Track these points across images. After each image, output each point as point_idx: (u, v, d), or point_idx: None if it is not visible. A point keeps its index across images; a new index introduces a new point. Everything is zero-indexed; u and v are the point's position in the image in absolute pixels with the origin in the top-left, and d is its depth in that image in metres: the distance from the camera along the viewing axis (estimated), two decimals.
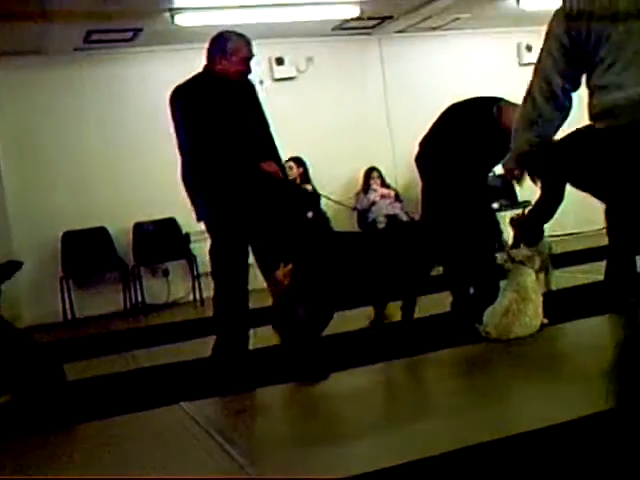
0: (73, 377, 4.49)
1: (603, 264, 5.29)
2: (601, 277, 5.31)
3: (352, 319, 5.17)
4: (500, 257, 4.92)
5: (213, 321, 4.50)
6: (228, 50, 4.29)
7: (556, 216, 5.25)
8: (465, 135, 5.05)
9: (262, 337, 4.61)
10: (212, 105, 4.21)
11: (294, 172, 8.26)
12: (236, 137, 4.22)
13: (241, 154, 4.25)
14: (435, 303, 5.60)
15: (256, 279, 4.54)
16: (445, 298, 5.37)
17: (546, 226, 5.37)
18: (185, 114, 4.22)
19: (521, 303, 4.59)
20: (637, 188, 4.82)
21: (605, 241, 5.11)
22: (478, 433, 3.04)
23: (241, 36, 4.37)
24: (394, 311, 4.75)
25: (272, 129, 4.77)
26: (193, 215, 4.44)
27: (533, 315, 4.60)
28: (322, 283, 4.08)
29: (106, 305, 7.84)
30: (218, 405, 4.00)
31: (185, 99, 4.24)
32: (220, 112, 4.20)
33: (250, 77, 4.51)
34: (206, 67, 4.38)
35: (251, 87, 4.52)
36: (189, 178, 4.31)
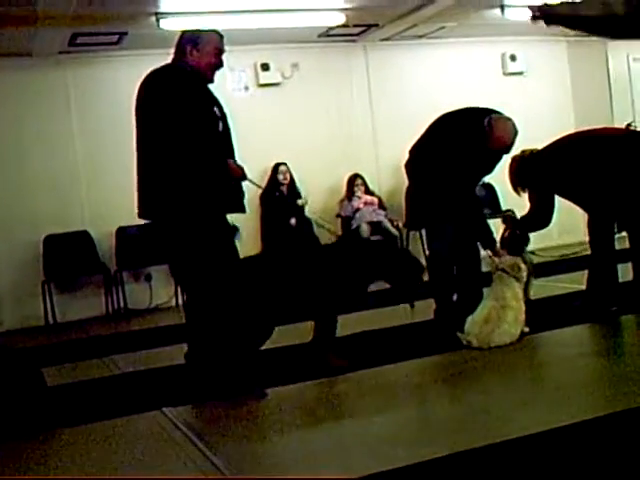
0: (54, 382, 4.47)
1: (584, 273, 5.35)
2: (582, 286, 5.36)
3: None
4: (489, 264, 4.93)
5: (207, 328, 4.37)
6: (200, 41, 4.05)
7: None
8: (456, 145, 5.07)
9: None
10: (193, 101, 3.96)
11: (287, 177, 8.26)
12: (213, 136, 4.05)
13: (217, 153, 4.09)
14: (418, 311, 5.64)
15: None
16: (429, 306, 5.39)
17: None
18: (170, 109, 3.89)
19: (500, 311, 4.61)
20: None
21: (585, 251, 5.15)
22: (465, 439, 3.06)
23: (213, 30, 4.16)
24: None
25: (256, 135, 4.72)
26: None
27: (512, 323, 4.62)
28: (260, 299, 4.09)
29: (88, 309, 7.80)
30: (200, 411, 3.98)
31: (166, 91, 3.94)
32: (200, 109, 3.96)
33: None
34: (175, 60, 4.12)
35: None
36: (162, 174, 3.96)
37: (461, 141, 5.07)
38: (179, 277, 4.29)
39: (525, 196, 5.34)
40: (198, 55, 4.06)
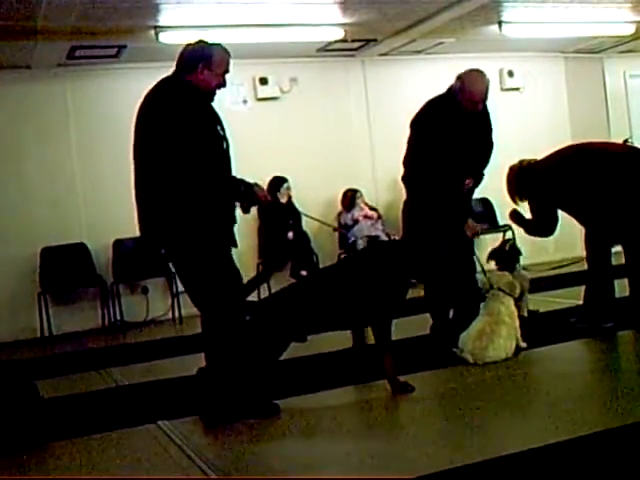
0: (50, 394, 4.46)
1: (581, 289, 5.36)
2: (579, 302, 5.37)
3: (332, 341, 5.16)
4: (481, 280, 4.95)
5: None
6: (214, 61, 3.97)
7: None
8: (433, 132, 5.13)
9: None
10: (208, 121, 3.94)
11: (289, 194, 8.24)
12: (218, 156, 4.02)
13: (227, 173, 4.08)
14: (414, 326, 5.63)
15: None
16: (425, 321, 5.40)
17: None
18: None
19: (494, 326, 4.61)
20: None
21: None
22: (462, 455, 3.06)
23: (224, 48, 4.13)
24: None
25: (254, 148, 4.73)
26: None
27: (507, 338, 4.61)
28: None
29: (84, 322, 7.78)
30: (195, 424, 3.97)
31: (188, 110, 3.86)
32: (206, 129, 3.89)
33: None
34: (180, 74, 4.00)
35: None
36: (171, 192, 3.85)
37: (435, 124, 5.14)
38: (191, 296, 4.21)
39: (524, 205, 5.36)
40: (209, 75, 3.97)
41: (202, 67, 3.95)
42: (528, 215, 5.28)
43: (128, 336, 7.44)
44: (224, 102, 8.15)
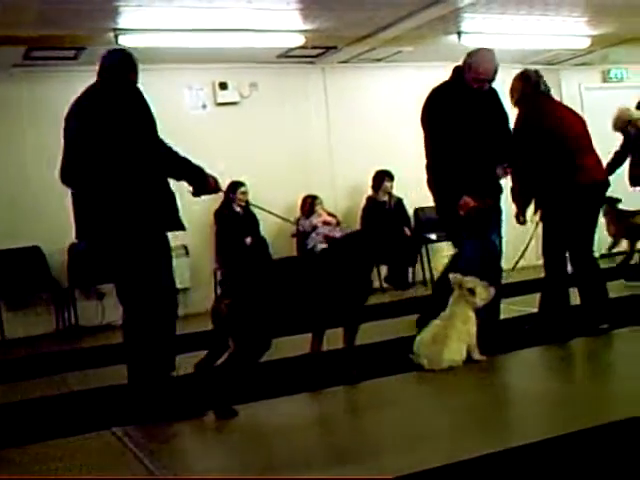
0: (2, 400, 4.39)
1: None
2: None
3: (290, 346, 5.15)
4: (452, 279, 4.83)
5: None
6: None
7: None
8: (445, 117, 5.02)
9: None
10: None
11: (246, 197, 8.20)
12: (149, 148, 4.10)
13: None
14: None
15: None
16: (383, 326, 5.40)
17: None
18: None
19: (447, 329, 4.59)
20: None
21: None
22: (412, 462, 3.07)
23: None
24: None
25: (212, 153, 4.76)
26: None
27: (457, 340, 4.58)
28: (259, 312, 4.04)
29: (38, 326, 7.67)
30: (150, 430, 3.93)
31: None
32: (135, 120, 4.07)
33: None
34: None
35: None
36: None
37: (446, 106, 5.04)
38: (119, 294, 4.26)
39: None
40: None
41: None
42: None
43: (83, 341, 7.35)
44: (183, 106, 8.21)
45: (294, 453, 3.44)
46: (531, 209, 5.44)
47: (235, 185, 8.15)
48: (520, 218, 5.42)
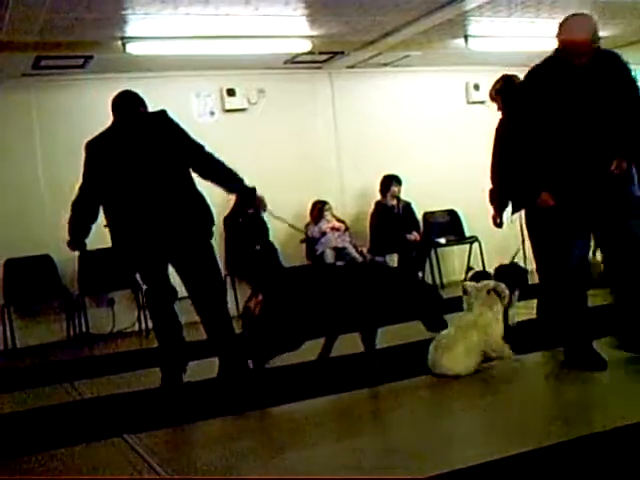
0: (14, 408, 4.41)
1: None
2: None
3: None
4: (469, 286, 4.78)
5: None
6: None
7: None
8: (521, 109, 4.25)
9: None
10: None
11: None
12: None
13: None
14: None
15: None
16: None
17: None
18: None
19: (451, 339, 4.54)
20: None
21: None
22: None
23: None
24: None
25: (223, 160, 4.89)
26: None
27: (465, 353, 4.48)
28: (292, 314, 4.08)
29: (49, 334, 7.69)
30: (161, 437, 3.94)
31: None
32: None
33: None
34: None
35: None
36: None
37: (527, 95, 4.24)
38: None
39: (489, 224, 5.37)
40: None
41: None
42: None
43: (94, 348, 7.37)
44: (191, 113, 8.22)
45: (314, 458, 3.42)
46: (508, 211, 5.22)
47: None
48: (497, 220, 5.37)
